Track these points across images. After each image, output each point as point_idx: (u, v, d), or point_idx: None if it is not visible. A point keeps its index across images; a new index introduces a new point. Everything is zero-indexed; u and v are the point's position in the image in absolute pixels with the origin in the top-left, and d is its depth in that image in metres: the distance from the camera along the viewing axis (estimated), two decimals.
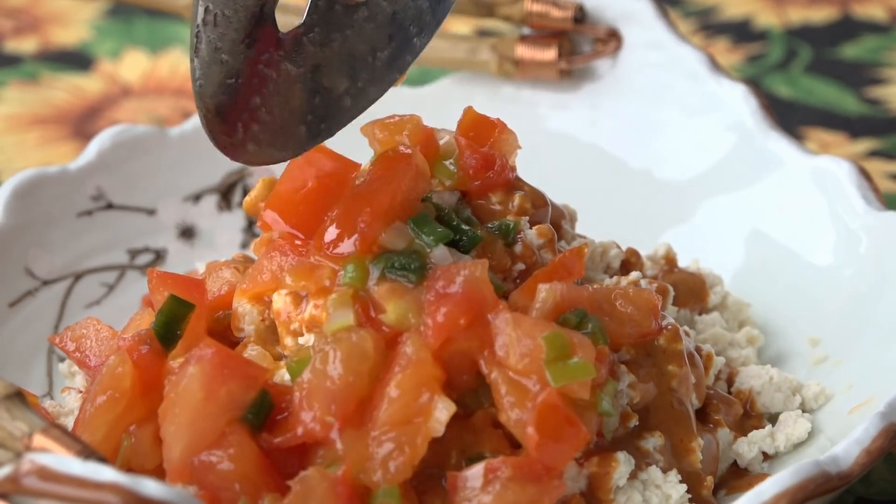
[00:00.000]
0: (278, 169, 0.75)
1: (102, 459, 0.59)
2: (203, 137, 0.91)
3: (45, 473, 0.57)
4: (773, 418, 0.76)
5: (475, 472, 0.66)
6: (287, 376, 0.69)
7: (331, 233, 0.71)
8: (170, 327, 0.71)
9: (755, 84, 1.01)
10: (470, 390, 0.68)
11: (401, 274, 0.69)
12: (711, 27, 1.27)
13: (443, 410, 0.65)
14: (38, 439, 0.60)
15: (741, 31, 1.26)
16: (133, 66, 1.23)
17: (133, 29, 1.29)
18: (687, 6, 1.30)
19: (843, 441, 0.66)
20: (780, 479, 0.63)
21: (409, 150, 0.73)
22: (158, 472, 0.67)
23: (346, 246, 0.70)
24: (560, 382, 0.66)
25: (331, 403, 0.66)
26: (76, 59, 1.24)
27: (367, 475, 0.65)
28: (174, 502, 0.57)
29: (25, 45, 1.27)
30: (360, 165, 0.75)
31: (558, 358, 0.66)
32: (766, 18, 1.28)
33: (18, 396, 0.62)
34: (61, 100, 1.18)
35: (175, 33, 1.27)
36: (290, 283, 0.71)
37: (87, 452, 0.60)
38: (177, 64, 1.23)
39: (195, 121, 0.93)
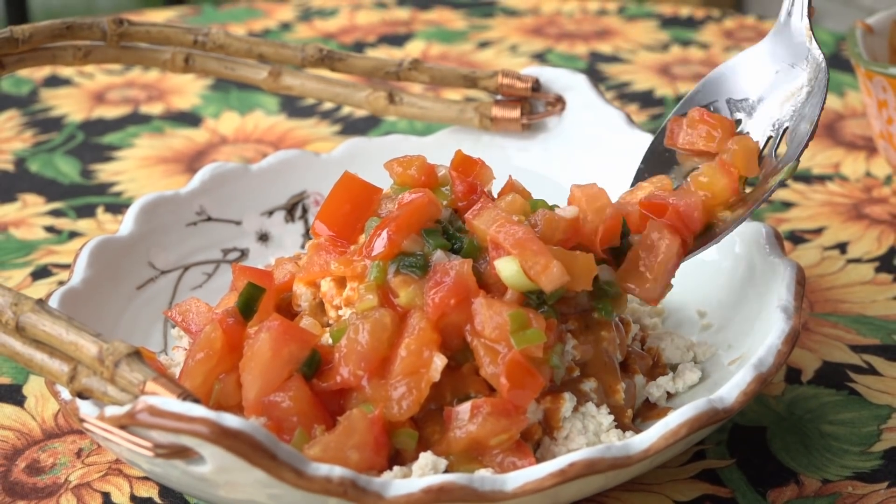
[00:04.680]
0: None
1: (196, 400, 0.56)
2: (274, 170, 0.89)
3: (154, 410, 0.53)
4: (674, 368, 0.73)
5: (464, 408, 0.63)
6: (331, 340, 0.66)
7: (372, 238, 0.68)
8: (248, 305, 0.68)
9: None
10: (459, 350, 0.65)
11: (410, 269, 0.66)
12: (626, 95, 1.25)
13: (438, 363, 0.63)
14: (150, 385, 0.57)
15: (646, 99, 1.24)
16: (228, 123, 1.21)
17: (229, 97, 1.27)
18: (609, 81, 1.29)
19: (727, 385, 0.63)
20: (682, 413, 0.60)
21: (428, 190, 0.70)
22: (239, 409, 0.64)
23: (380, 246, 0.67)
24: (521, 346, 0.63)
25: (361, 361, 0.63)
26: (189, 119, 1.22)
27: (389, 411, 0.62)
28: (247, 431, 0.54)
29: (154, 108, 1.25)
30: (383, 190, 0.72)
31: (519, 329, 0.63)
32: (663, 90, 1.26)
33: (137, 354, 0.58)
34: (178, 146, 1.16)
35: (257, 100, 1.26)
36: (335, 269, 0.68)
37: (185, 395, 0.56)
38: (258, 122, 1.21)
39: (269, 159, 0.90)
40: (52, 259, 0.95)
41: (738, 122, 0.77)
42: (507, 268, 0.64)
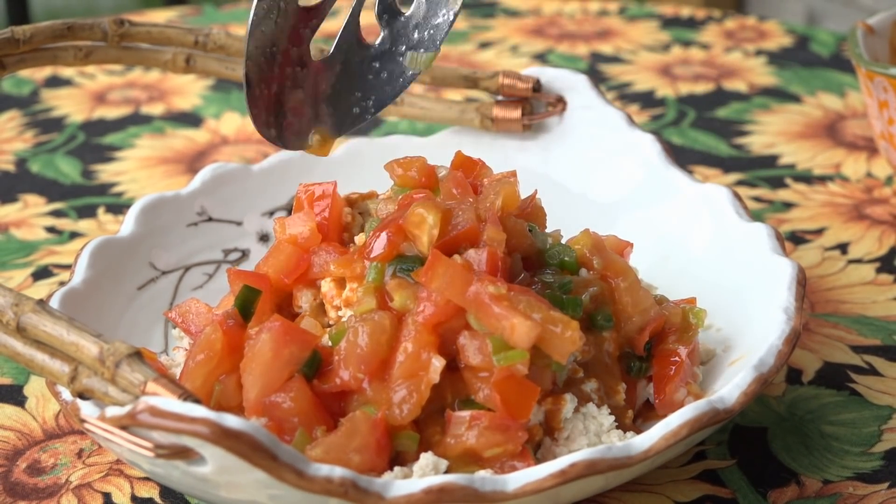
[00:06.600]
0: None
1: (197, 400, 0.56)
2: (276, 170, 0.89)
3: (154, 411, 0.53)
4: None
5: (463, 417, 0.63)
6: (330, 342, 0.66)
7: (371, 239, 0.67)
8: (246, 307, 0.68)
9: (658, 134, 0.99)
10: (458, 354, 0.64)
11: (406, 273, 0.66)
12: (627, 96, 1.25)
13: (437, 364, 0.62)
14: (150, 386, 0.56)
15: (647, 99, 1.24)
16: (229, 123, 1.21)
17: (230, 98, 1.27)
18: (610, 82, 1.29)
19: (727, 386, 0.63)
20: (682, 413, 0.60)
21: (429, 191, 0.69)
22: (240, 410, 0.64)
23: (379, 248, 0.66)
24: (503, 364, 0.62)
25: (361, 364, 0.63)
26: (190, 119, 1.22)
27: (391, 415, 0.62)
28: (248, 431, 0.53)
29: (155, 109, 1.25)
30: (378, 194, 0.72)
31: (499, 350, 0.62)
32: (664, 91, 1.26)
33: (138, 355, 0.58)
34: (179, 146, 1.16)
35: None
36: (334, 270, 0.68)
37: (186, 395, 0.56)
38: None
39: (270, 160, 0.90)
40: (53, 259, 0.95)
41: None
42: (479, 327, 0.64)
